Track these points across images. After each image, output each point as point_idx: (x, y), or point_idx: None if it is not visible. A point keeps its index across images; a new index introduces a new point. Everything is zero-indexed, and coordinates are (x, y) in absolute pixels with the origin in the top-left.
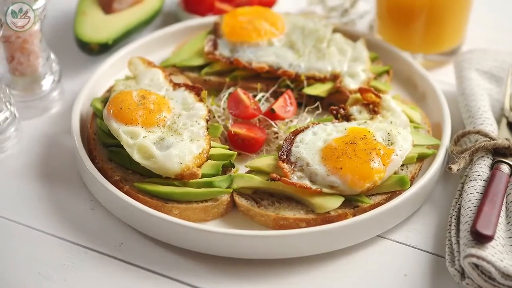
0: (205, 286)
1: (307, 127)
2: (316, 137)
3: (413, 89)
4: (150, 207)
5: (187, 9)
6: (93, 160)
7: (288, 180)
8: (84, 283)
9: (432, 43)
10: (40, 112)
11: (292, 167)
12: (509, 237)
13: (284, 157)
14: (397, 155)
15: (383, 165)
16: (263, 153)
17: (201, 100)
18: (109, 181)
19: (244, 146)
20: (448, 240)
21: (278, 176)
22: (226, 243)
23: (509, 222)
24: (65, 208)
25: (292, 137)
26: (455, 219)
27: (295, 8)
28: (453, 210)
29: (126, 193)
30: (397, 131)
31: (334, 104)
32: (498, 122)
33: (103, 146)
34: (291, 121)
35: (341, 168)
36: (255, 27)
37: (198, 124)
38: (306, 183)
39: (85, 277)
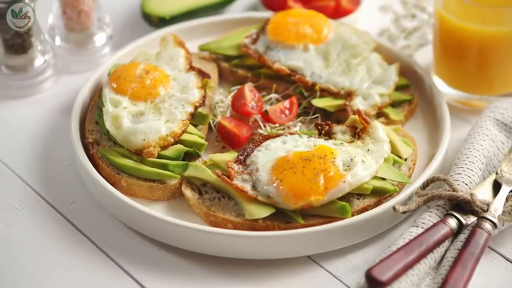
0: (125, 266)
1: (280, 135)
2: (282, 146)
3: (432, 122)
4: (104, 174)
5: (263, 3)
6: (84, 120)
7: (227, 179)
8: (20, 229)
9: (486, 84)
10: (87, 68)
11: (243, 169)
12: None
13: (242, 157)
14: (344, 181)
15: (326, 188)
16: None
17: (202, 87)
18: (84, 141)
19: (228, 141)
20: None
21: (219, 173)
22: (145, 221)
23: (435, 278)
24: (48, 157)
25: (261, 141)
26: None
27: (375, 25)
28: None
29: (90, 155)
30: (361, 159)
31: (341, 121)
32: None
33: (98, 109)
34: (288, 127)
35: (281, 181)
36: (297, 29)
37: (183, 108)
38: (246, 186)
39: (24, 224)
